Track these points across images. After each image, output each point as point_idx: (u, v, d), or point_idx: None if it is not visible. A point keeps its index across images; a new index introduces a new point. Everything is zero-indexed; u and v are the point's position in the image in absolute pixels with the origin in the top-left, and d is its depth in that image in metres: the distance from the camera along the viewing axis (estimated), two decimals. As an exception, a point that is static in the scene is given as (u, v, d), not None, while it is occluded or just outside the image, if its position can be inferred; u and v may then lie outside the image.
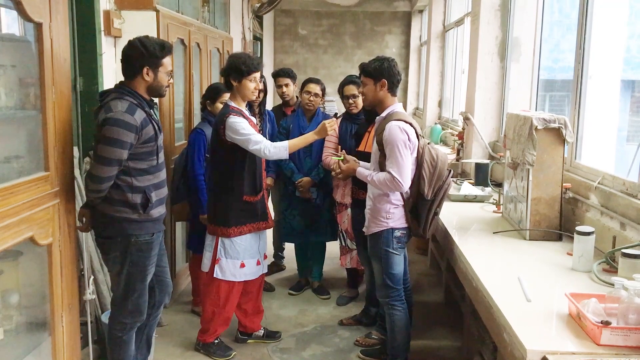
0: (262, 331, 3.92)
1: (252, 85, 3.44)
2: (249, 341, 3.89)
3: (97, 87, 3.77)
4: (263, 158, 3.50)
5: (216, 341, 3.73)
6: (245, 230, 3.56)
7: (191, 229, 4.24)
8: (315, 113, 4.50)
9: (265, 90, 4.51)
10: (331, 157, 3.63)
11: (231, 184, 3.48)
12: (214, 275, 3.56)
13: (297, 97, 4.82)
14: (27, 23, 2.45)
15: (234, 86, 3.45)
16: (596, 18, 3.46)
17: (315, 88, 4.43)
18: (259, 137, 3.38)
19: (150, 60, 2.82)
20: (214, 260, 3.56)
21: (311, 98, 4.42)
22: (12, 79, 2.52)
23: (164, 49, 2.87)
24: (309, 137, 3.55)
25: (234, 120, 3.35)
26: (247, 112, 3.53)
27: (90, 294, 3.17)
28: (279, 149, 3.38)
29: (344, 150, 3.52)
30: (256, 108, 4.51)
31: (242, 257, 3.58)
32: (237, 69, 3.39)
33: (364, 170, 3.28)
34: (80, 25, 3.70)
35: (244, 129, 3.34)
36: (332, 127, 3.47)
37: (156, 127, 2.88)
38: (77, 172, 3.36)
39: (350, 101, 4.19)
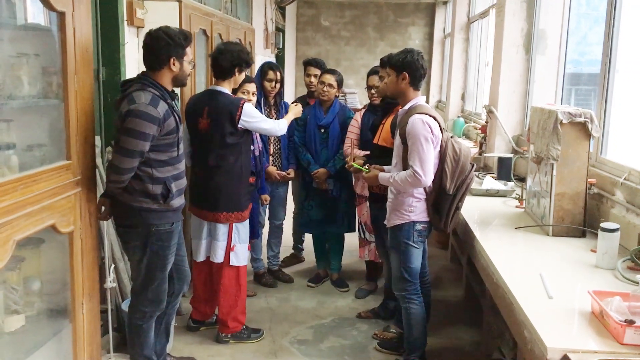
0: (215, 317, 3.92)
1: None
2: (201, 328, 3.91)
3: (119, 77, 3.79)
4: (274, 135, 3.89)
5: (244, 327, 3.77)
6: (249, 211, 3.70)
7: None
8: (332, 104, 4.47)
9: (281, 82, 4.49)
10: (351, 162, 3.62)
11: (239, 168, 3.53)
12: (230, 264, 3.59)
13: None
14: (51, 12, 2.47)
15: (233, 76, 3.53)
16: (625, 10, 3.38)
17: (330, 79, 4.39)
18: (267, 118, 3.75)
19: (176, 50, 2.83)
20: (229, 249, 3.59)
21: (325, 88, 4.39)
22: (35, 67, 2.54)
23: (187, 38, 2.89)
24: (290, 117, 3.93)
25: (250, 106, 3.49)
26: None
27: (110, 282, 3.20)
28: (285, 124, 3.78)
29: (367, 164, 3.52)
30: (272, 99, 4.50)
31: (248, 238, 3.71)
32: (246, 61, 3.52)
33: (385, 174, 3.25)
34: (103, 15, 3.72)
35: (258, 112, 3.57)
36: (299, 109, 4.03)
37: (177, 119, 2.88)
38: (98, 161, 3.39)
39: (373, 91, 4.16)
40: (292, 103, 4.47)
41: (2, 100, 2.33)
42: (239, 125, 3.41)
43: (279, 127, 3.69)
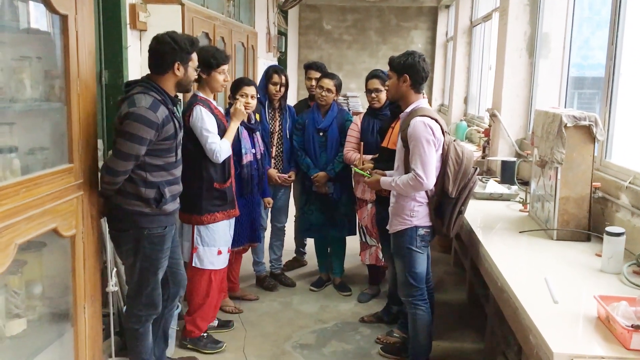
0: (216, 321, 3.90)
1: (221, 77, 3.50)
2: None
3: (122, 80, 3.79)
4: (211, 159, 3.45)
5: (204, 334, 3.71)
6: (219, 218, 3.58)
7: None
8: (330, 108, 4.46)
9: (286, 85, 4.49)
10: (354, 166, 3.60)
11: (201, 172, 3.48)
12: (192, 264, 3.57)
13: None
14: (54, 15, 2.46)
15: (202, 78, 3.47)
16: (629, 14, 3.36)
17: (328, 83, 4.38)
18: (217, 138, 3.43)
19: (181, 55, 2.83)
20: (192, 249, 3.57)
21: (324, 93, 4.38)
22: (37, 71, 2.53)
23: (193, 44, 2.89)
24: (232, 127, 3.57)
25: (201, 111, 3.39)
26: (214, 103, 3.57)
27: (112, 286, 3.19)
28: (226, 150, 3.46)
29: (371, 168, 3.51)
30: (276, 103, 4.50)
31: (218, 244, 3.60)
32: (206, 61, 3.40)
33: (387, 178, 3.24)
34: (106, 18, 3.73)
35: (206, 124, 3.38)
36: (241, 106, 3.60)
37: (177, 125, 2.88)
38: (100, 164, 3.38)
39: (373, 95, 4.16)
40: (294, 105, 4.43)
41: (4, 103, 2.32)
42: (189, 125, 3.39)
43: (221, 153, 3.41)
